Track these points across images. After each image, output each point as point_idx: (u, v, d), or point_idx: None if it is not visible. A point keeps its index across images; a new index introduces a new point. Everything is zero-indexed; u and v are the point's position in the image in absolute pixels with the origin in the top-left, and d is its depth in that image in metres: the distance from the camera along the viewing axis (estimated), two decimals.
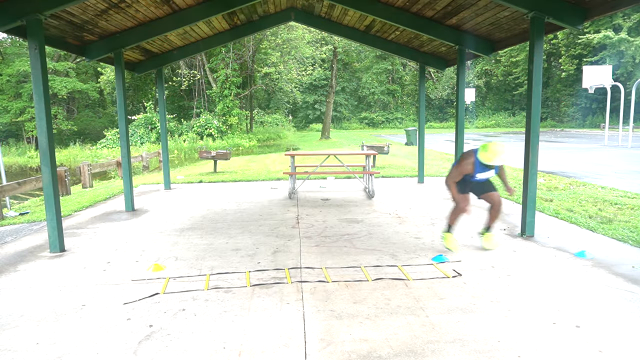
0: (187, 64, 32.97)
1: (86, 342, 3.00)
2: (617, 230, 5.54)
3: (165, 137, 9.90)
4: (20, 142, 32.09)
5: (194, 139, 28.58)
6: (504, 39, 7.04)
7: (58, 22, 5.73)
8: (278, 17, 8.63)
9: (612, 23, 32.10)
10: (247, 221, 6.47)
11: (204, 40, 8.75)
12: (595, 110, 36.72)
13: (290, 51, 31.17)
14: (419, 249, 4.97)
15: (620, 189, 8.42)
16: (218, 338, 3.03)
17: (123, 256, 4.91)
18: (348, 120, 49.23)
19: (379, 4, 7.01)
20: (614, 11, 4.89)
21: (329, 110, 30.82)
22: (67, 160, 24.16)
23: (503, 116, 45.59)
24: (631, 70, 31.64)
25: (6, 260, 4.86)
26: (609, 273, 4.12)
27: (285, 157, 15.74)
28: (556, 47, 38.64)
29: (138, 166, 15.85)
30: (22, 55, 33.38)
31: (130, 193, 7.50)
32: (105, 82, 34.06)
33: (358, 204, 7.67)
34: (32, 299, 3.74)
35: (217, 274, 4.25)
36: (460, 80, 7.80)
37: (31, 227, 6.51)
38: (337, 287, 3.89)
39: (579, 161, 13.80)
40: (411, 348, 2.86)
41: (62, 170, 9.77)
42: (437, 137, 30.14)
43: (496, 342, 2.92)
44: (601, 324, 3.14)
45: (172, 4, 6.50)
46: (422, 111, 9.76)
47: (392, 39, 8.92)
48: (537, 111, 5.29)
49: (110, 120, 36.70)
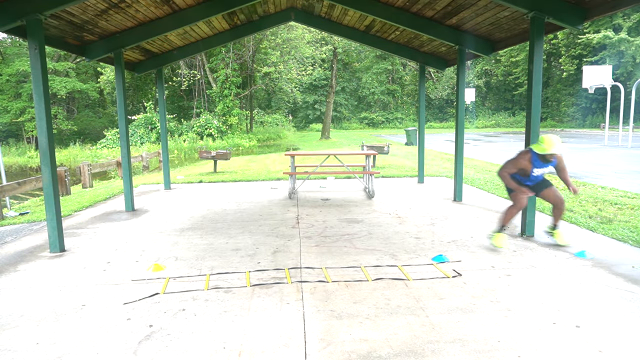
0: (187, 64, 32.97)
1: (86, 342, 3.00)
2: (617, 230, 5.54)
3: (165, 137, 9.90)
4: (20, 142, 32.09)
5: (194, 139, 28.58)
6: (504, 39, 7.04)
7: (58, 22, 5.73)
8: (278, 17, 8.63)
9: (612, 23, 32.11)
10: (247, 221, 6.47)
11: (204, 40, 8.75)
12: (595, 110, 36.72)
13: (290, 51, 31.17)
14: (419, 249, 4.97)
15: (620, 189, 8.42)
16: (218, 338, 3.03)
17: (123, 256, 4.91)
18: (348, 120, 49.23)
19: (379, 4, 7.01)
20: (614, 11, 4.89)
21: (329, 110, 30.82)
22: (67, 160, 24.17)
23: (503, 116, 45.61)
24: (631, 70, 31.64)
25: (6, 260, 4.86)
26: (609, 273, 4.12)
27: (285, 157, 15.75)
28: (556, 47, 38.66)
29: (138, 166, 15.85)
30: (22, 55, 33.38)
31: (130, 193, 7.50)
32: (105, 82, 34.04)
33: (358, 204, 7.67)
34: (32, 299, 3.74)
35: (217, 274, 4.26)
36: (460, 80, 7.80)
37: (31, 227, 6.51)
38: (337, 287, 3.90)
39: (579, 161, 13.80)
40: (411, 348, 2.86)
41: (62, 170, 9.77)
42: (437, 137, 30.15)
43: (496, 342, 2.92)
44: (601, 324, 3.14)
45: (172, 4, 6.50)
46: (422, 111, 9.76)
47: (392, 39, 8.92)
48: (537, 111, 5.29)
49: (110, 120, 36.71)
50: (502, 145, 21.55)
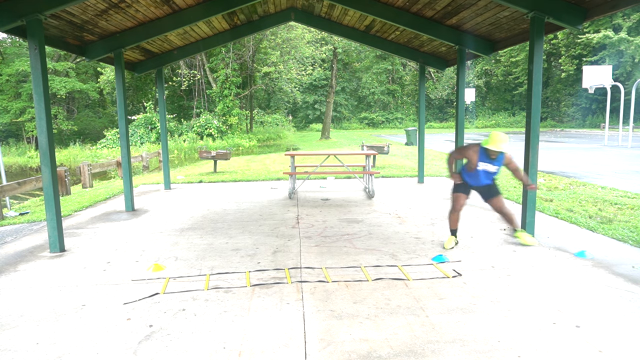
0: (187, 64, 32.95)
1: (86, 342, 3.00)
2: (617, 230, 5.54)
3: (165, 137, 9.90)
4: (20, 142, 32.08)
5: (194, 139, 28.56)
6: (504, 39, 7.04)
7: (58, 22, 5.73)
8: (278, 17, 8.63)
9: (612, 23, 32.11)
10: (247, 221, 6.47)
11: (204, 40, 8.75)
12: (595, 110, 36.73)
13: (290, 51, 31.16)
14: (419, 249, 4.97)
15: (620, 189, 8.42)
16: (218, 338, 3.03)
17: (123, 256, 4.91)
18: (348, 120, 49.23)
19: (378, 4, 7.01)
20: (614, 11, 4.89)
21: (329, 110, 30.82)
22: (67, 160, 24.16)
23: (503, 116, 45.60)
24: (630, 70, 31.64)
25: (6, 260, 4.86)
26: (609, 273, 4.12)
27: (285, 157, 15.74)
28: (556, 47, 38.64)
29: (138, 166, 15.85)
30: (22, 55, 33.38)
31: (130, 193, 7.50)
32: (105, 82, 34.03)
33: (358, 204, 7.67)
34: (32, 299, 3.74)
35: (217, 274, 4.26)
36: (460, 80, 7.80)
37: (31, 227, 6.51)
38: (337, 287, 3.89)
39: (579, 161, 13.80)
40: (411, 348, 2.86)
41: (62, 170, 9.77)
42: (437, 137, 30.14)
43: (496, 342, 2.92)
44: (601, 324, 3.14)
45: (172, 4, 6.50)
46: (422, 111, 9.76)
47: (392, 39, 8.92)
48: (537, 111, 5.28)
49: (110, 120, 36.70)
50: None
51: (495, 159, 4.68)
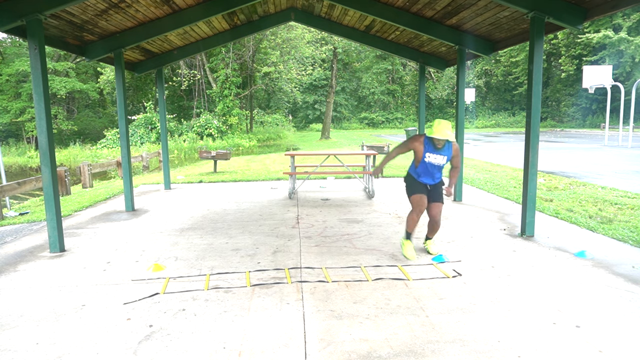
0: (187, 64, 32.96)
1: (86, 342, 3.00)
2: (617, 230, 5.54)
3: (165, 137, 9.90)
4: (20, 142, 32.09)
5: (194, 139, 28.57)
6: (504, 39, 7.03)
7: (58, 22, 5.73)
8: (278, 17, 8.63)
9: (612, 23, 32.12)
10: (247, 221, 6.47)
11: (204, 40, 8.74)
12: (595, 110, 36.73)
13: (290, 51, 31.17)
14: (419, 249, 4.96)
15: (620, 189, 8.42)
16: (218, 338, 3.03)
17: (123, 256, 4.91)
18: (348, 120, 49.24)
19: (378, 4, 7.00)
20: (614, 11, 4.89)
21: (329, 110, 30.82)
22: (67, 160, 24.17)
23: (503, 116, 45.61)
24: (630, 70, 31.64)
25: (6, 260, 4.86)
26: (609, 273, 4.12)
27: (285, 157, 15.75)
28: (556, 47, 38.65)
29: (138, 166, 15.86)
30: (22, 55, 33.38)
31: (130, 193, 7.50)
32: (105, 82, 34.04)
33: (358, 204, 7.67)
34: (32, 299, 3.74)
35: (217, 274, 4.25)
36: (460, 80, 7.80)
37: (31, 227, 6.51)
38: (337, 287, 3.89)
39: (579, 161, 13.80)
40: (411, 348, 2.86)
41: (62, 170, 9.77)
42: None
43: (496, 342, 2.92)
44: (601, 324, 3.14)
45: (172, 4, 6.50)
46: (422, 111, 9.75)
47: (392, 39, 8.91)
48: (537, 111, 5.28)
49: (110, 120, 36.71)
50: (502, 145, 21.55)
51: (442, 149, 4.48)
